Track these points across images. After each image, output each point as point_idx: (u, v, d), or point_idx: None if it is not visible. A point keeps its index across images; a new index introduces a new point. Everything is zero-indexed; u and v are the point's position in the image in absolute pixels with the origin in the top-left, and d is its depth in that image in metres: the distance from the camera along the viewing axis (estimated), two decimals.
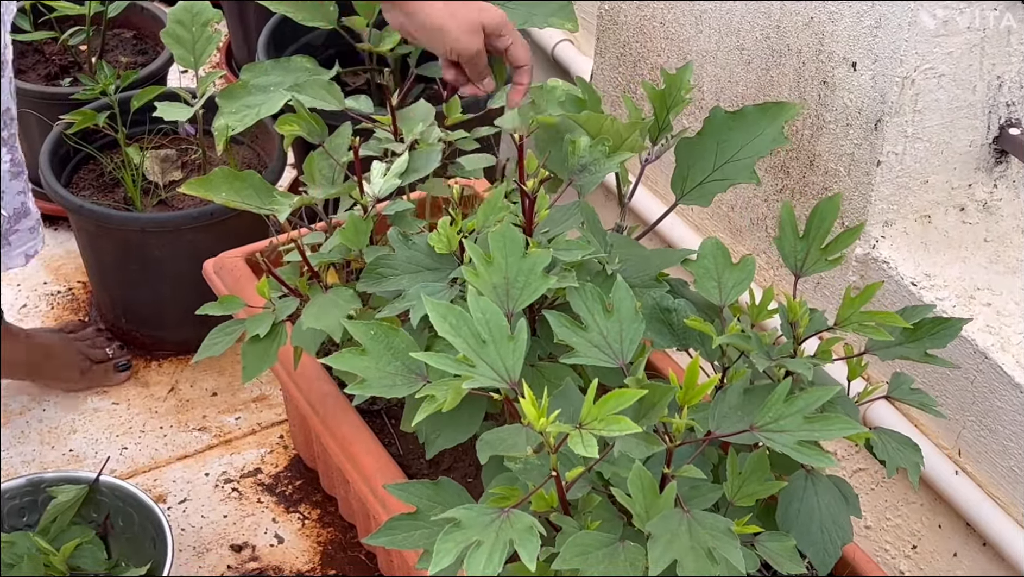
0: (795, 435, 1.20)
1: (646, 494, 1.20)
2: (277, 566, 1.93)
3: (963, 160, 1.78)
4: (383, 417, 1.77)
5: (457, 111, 1.75)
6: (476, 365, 1.21)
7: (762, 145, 1.51)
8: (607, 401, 1.15)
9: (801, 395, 1.21)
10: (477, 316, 1.23)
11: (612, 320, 1.29)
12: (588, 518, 1.24)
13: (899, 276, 1.74)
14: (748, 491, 1.27)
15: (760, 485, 1.27)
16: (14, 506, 1.83)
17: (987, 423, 1.66)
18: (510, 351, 1.22)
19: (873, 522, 1.88)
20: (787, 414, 1.21)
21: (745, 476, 1.27)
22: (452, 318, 1.22)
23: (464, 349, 1.21)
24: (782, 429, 1.21)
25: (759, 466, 1.28)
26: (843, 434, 1.21)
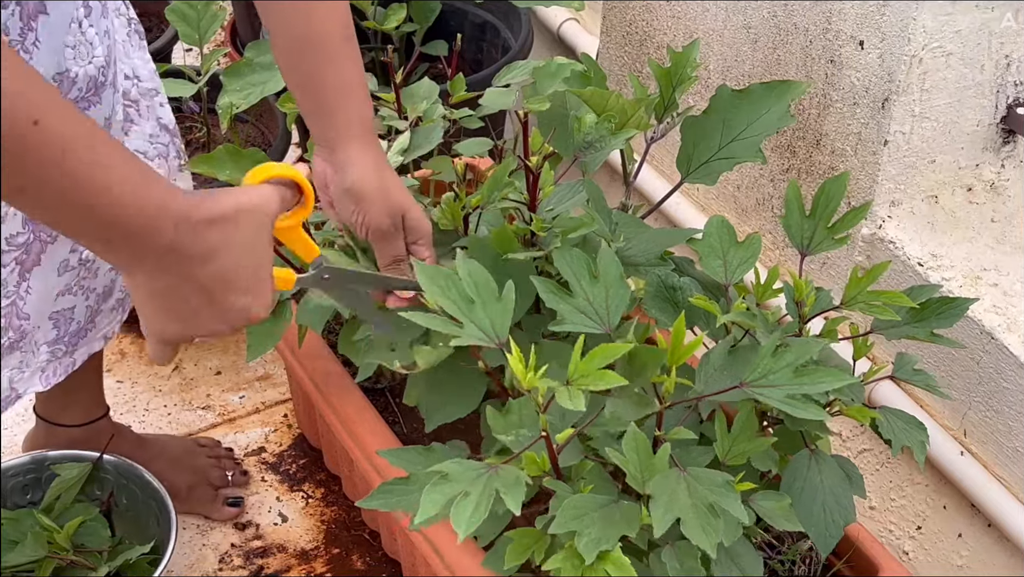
0: (785, 389, 1.20)
1: (640, 455, 1.20)
2: (281, 545, 1.93)
3: (970, 140, 1.77)
4: (387, 395, 1.77)
5: (461, 89, 1.74)
6: (465, 325, 1.22)
7: (768, 124, 1.50)
8: (594, 356, 1.16)
9: (789, 349, 1.21)
10: (465, 277, 1.24)
11: (598, 286, 1.30)
12: (582, 484, 1.24)
13: (905, 256, 1.73)
14: (739, 450, 1.27)
15: (750, 443, 1.27)
16: (17, 483, 1.83)
17: (993, 404, 1.66)
18: (499, 311, 1.23)
19: (878, 503, 1.88)
20: (776, 369, 1.21)
21: (735, 435, 1.28)
22: (440, 280, 1.24)
23: (453, 310, 1.23)
24: (772, 384, 1.21)
25: (747, 424, 1.28)
26: (833, 385, 1.21)
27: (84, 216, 0.98)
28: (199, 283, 1.07)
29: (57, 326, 1.54)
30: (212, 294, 1.08)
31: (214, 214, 1.06)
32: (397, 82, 1.67)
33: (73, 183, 0.95)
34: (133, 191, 0.99)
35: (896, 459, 1.83)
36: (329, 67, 1.33)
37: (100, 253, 1.05)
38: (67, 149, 0.94)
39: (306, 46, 1.32)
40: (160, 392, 2.18)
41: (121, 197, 0.98)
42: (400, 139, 1.60)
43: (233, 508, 1.96)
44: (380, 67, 2.39)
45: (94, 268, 1.54)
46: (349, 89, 1.34)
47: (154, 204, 1.00)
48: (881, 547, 1.48)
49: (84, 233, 1.01)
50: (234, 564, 1.90)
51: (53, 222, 0.99)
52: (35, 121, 0.91)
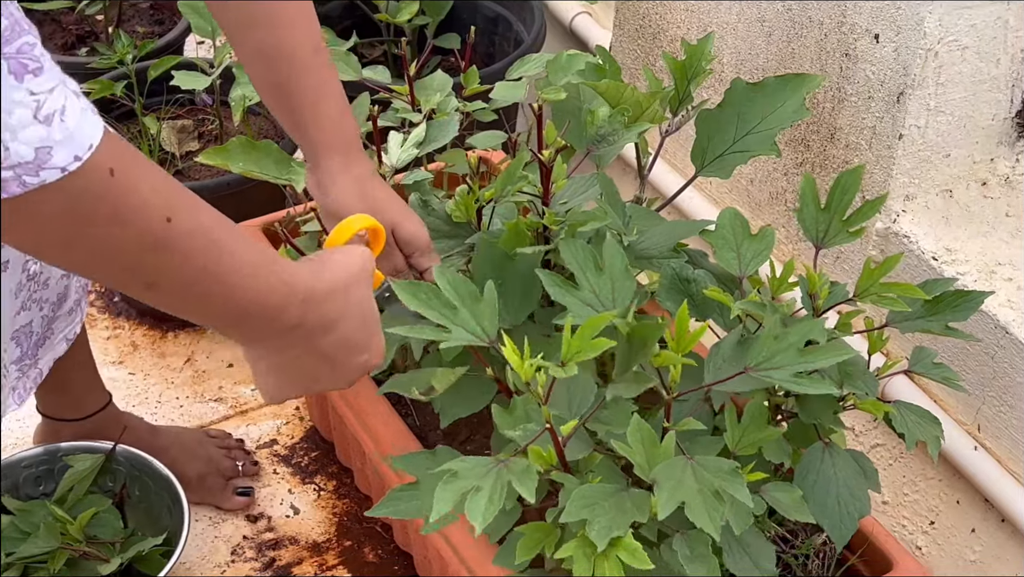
0: (790, 368, 1.20)
1: (645, 444, 1.20)
2: (293, 537, 1.93)
3: (985, 134, 1.77)
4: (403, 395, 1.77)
5: (475, 81, 1.74)
6: (452, 330, 1.24)
7: (783, 117, 1.50)
8: (583, 330, 1.16)
9: (790, 329, 1.22)
10: (445, 287, 1.25)
11: (603, 278, 1.30)
12: (590, 476, 1.24)
13: (920, 250, 1.72)
14: (750, 439, 1.27)
15: (761, 432, 1.27)
16: (30, 475, 1.83)
17: (1007, 398, 1.65)
18: (484, 311, 1.25)
19: (891, 497, 1.87)
20: (780, 350, 1.22)
21: (745, 424, 1.28)
22: (421, 294, 1.25)
23: (437, 318, 1.24)
24: (777, 365, 1.21)
25: (758, 413, 1.28)
26: (836, 359, 1.21)
27: (214, 305, 1.00)
28: (322, 352, 1.11)
29: (19, 344, 1.55)
30: (335, 359, 1.13)
31: (333, 286, 1.09)
32: (411, 75, 1.67)
33: (203, 277, 0.97)
34: (263, 278, 1.01)
35: (909, 454, 1.83)
36: (301, 80, 1.31)
37: (224, 332, 1.08)
38: (196, 245, 0.95)
39: (276, 60, 1.30)
40: (172, 384, 2.18)
41: (251, 285, 1.00)
42: (415, 132, 1.60)
43: (243, 497, 1.96)
44: (393, 60, 2.39)
45: (43, 279, 1.55)
46: (324, 102, 1.33)
47: (282, 287, 1.03)
48: (895, 542, 1.48)
49: (211, 318, 1.03)
50: (246, 556, 1.90)
51: (180, 311, 1.01)
52: (168, 218, 0.92)
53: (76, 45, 2.52)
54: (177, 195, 0.95)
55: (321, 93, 1.32)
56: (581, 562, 1.16)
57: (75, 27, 2.55)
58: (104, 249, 0.91)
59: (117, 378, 2.18)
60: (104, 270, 0.95)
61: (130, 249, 0.92)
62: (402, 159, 1.58)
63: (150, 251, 0.93)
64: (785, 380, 1.20)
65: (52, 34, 2.55)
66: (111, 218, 0.89)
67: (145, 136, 2.21)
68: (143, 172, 0.92)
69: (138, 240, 0.92)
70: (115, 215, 0.90)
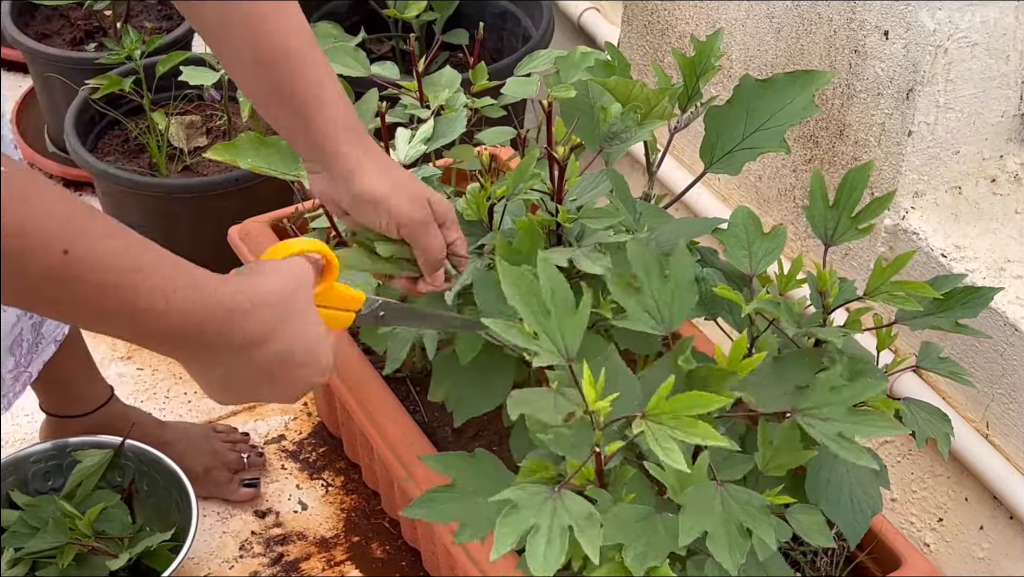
0: (837, 426, 1.19)
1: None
2: (301, 532, 1.93)
3: (995, 131, 1.76)
4: (408, 384, 1.77)
5: (484, 78, 1.74)
6: (540, 339, 1.17)
7: (792, 113, 1.49)
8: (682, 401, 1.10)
9: (847, 385, 1.20)
10: (543, 283, 1.18)
11: (667, 285, 1.27)
12: (623, 491, 1.22)
13: (929, 247, 1.72)
14: (779, 461, 1.26)
15: (791, 455, 1.26)
16: (39, 470, 1.84)
17: (1016, 396, 1.65)
18: (571, 325, 1.18)
19: (899, 495, 1.87)
20: (830, 402, 1.20)
21: (776, 446, 1.26)
22: (523, 286, 1.18)
23: (530, 320, 1.17)
24: (825, 417, 1.20)
25: (790, 436, 1.27)
26: (887, 434, 1.20)
27: (133, 329, 0.97)
28: (257, 366, 1.07)
29: (13, 354, 1.56)
30: (271, 373, 1.08)
31: (261, 299, 1.05)
32: (419, 71, 1.67)
33: (116, 303, 0.94)
34: (182, 297, 0.98)
35: (917, 451, 1.83)
36: (298, 75, 1.26)
37: (157, 351, 1.04)
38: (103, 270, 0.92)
39: (272, 61, 1.25)
40: (180, 380, 2.18)
41: (169, 306, 0.97)
42: (423, 128, 1.60)
43: (250, 489, 1.97)
44: (402, 56, 2.38)
45: None
46: (327, 96, 1.28)
47: (202, 305, 0.99)
48: (904, 539, 1.48)
49: (133, 340, 1.00)
50: (254, 551, 1.91)
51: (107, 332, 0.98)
52: (64, 251, 0.90)
53: (84, 40, 2.52)
54: (79, 224, 0.91)
55: (326, 84, 1.28)
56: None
57: (83, 22, 2.55)
58: (13, 286, 0.89)
59: (125, 373, 2.18)
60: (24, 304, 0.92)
61: (35, 282, 0.89)
62: (410, 155, 1.58)
63: (56, 284, 0.90)
64: (828, 437, 1.19)
65: (60, 29, 2.55)
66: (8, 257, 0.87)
67: (153, 132, 2.21)
68: (35, 206, 0.88)
69: (42, 274, 0.89)
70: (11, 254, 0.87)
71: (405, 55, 2.38)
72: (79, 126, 2.23)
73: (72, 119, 2.23)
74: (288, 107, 1.27)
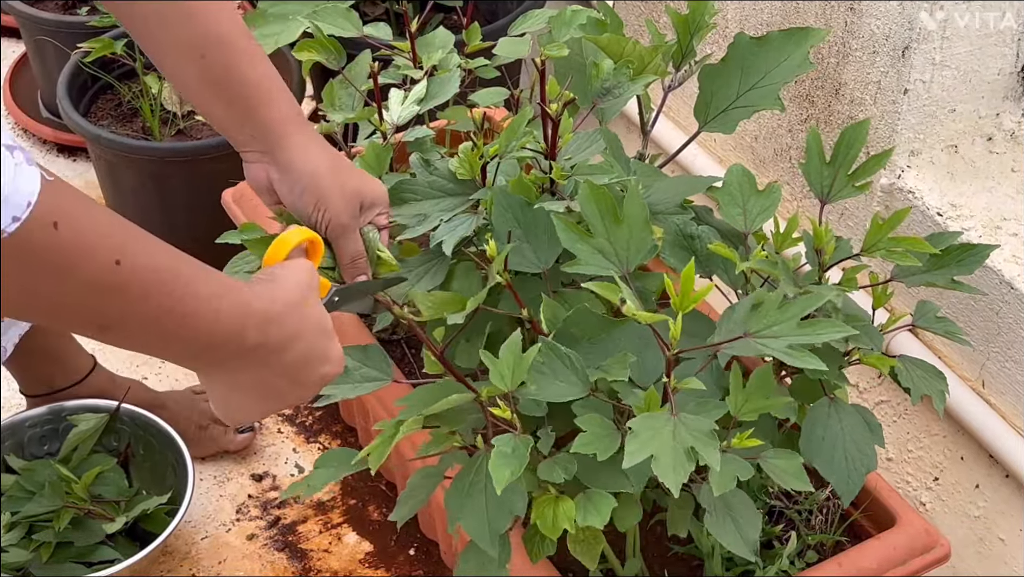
0: (786, 339, 1.19)
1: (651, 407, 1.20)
2: (297, 495, 1.93)
3: (991, 89, 1.76)
4: (403, 346, 1.77)
5: (477, 38, 1.73)
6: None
7: (787, 71, 1.48)
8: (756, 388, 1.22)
9: (794, 301, 1.21)
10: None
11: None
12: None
13: (925, 206, 1.72)
14: (752, 406, 1.26)
15: (765, 400, 1.26)
16: (35, 434, 1.84)
17: (1012, 354, 1.65)
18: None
19: (895, 454, 1.87)
20: (781, 320, 1.20)
21: (749, 390, 1.26)
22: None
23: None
24: (775, 335, 1.20)
25: (764, 381, 1.27)
26: (834, 336, 1.19)
27: (176, 340, 1.00)
28: (282, 369, 1.10)
29: None
30: (295, 375, 1.11)
31: (287, 304, 1.08)
32: (412, 31, 1.66)
33: (161, 314, 0.97)
34: (216, 308, 1.01)
35: (913, 410, 1.83)
36: (241, 65, 1.26)
37: (183, 364, 1.07)
38: (151, 283, 0.95)
39: (209, 48, 1.25)
40: None
41: (206, 317, 1.00)
42: (416, 88, 1.59)
43: (246, 434, 1.98)
44: (395, 17, 2.37)
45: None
46: (269, 83, 1.28)
47: (237, 315, 1.03)
48: (898, 497, 1.48)
49: (169, 354, 1.03)
50: (251, 514, 1.91)
51: (142, 349, 1.01)
52: (116, 261, 0.92)
53: (76, 4, 2.50)
54: (127, 235, 0.94)
55: (266, 73, 1.28)
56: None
57: None
58: (59, 297, 0.91)
59: None
60: (64, 318, 0.94)
61: (84, 293, 0.92)
62: (403, 116, 1.57)
63: (104, 294, 0.92)
64: (780, 351, 1.18)
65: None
66: (61, 268, 0.90)
67: (146, 95, 2.20)
68: (89, 218, 0.91)
69: (90, 285, 0.92)
70: (64, 265, 0.90)
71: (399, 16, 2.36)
72: (72, 91, 2.22)
73: (65, 84, 2.21)
74: (228, 100, 1.27)
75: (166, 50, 1.27)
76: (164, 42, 1.26)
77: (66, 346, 1.86)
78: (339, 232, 1.31)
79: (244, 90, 1.27)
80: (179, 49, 1.26)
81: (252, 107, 1.28)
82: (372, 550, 1.86)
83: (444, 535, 1.71)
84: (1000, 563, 1.75)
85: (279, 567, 1.84)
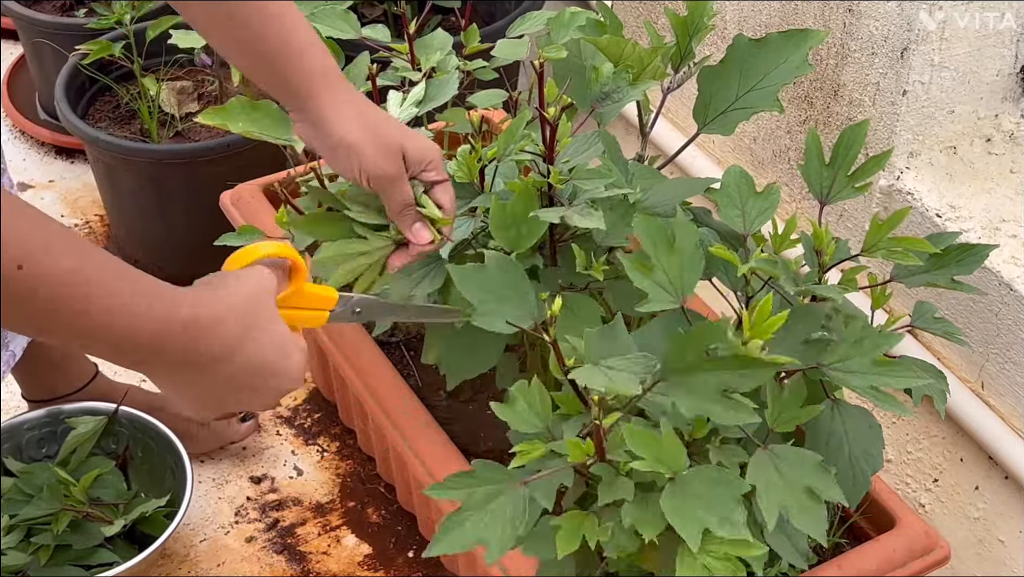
0: (867, 378, 1.20)
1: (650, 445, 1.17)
2: (296, 498, 1.93)
3: (990, 90, 1.75)
4: (401, 348, 1.77)
5: (475, 40, 1.73)
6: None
7: (786, 72, 1.48)
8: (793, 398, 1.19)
9: (868, 339, 1.22)
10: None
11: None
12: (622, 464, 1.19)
13: (924, 207, 1.72)
14: (789, 416, 1.27)
15: (798, 410, 1.27)
16: (33, 437, 1.83)
17: (1011, 355, 1.65)
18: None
19: (894, 456, 1.87)
20: (853, 356, 1.21)
21: (785, 401, 1.26)
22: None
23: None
24: (851, 370, 1.21)
25: (798, 390, 1.27)
26: (914, 383, 1.22)
27: (94, 344, 0.98)
28: (226, 379, 1.06)
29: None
30: (240, 385, 1.08)
31: (222, 314, 1.04)
32: (411, 33, 1.66)
33: (69, 319, 0.94)
34: (135, 312, 0.97)
35: (913, 413, 1.83)
36: (273, 24, 1.26)
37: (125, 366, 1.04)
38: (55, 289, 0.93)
39: (243, 14, 1.25)
40: None
41: (122, 320, 0.97)
42: (415, 90, 1.59)
43: (248, 423, 1.98)
44: (393, 19, 2.37)
45: None
46: (301, 41, 1.27)
47: (160, 320, 0.99)
48: (898, 499, 1.48)
49: (95, 352, 1.00)
50: (250, 517, 1.91)
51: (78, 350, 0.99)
52: (19, 266, 0.90)
53: (74, 6, 2.50)
54: (34, 241, 0.91)
55: (299, 31, 1.27)
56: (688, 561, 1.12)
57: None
58: None
59: None
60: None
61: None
62: (402, 118, 1.57)
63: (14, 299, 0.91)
64: (863, 389, 1.21)
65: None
66: None
67: (144, 97, 2.20)
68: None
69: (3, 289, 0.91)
70: None
71: (397, 18, 2.36)
72: (70, 93, 2.22)
73: (62, 86, 2.21)
74: (266, 60, 1.27)
75: (197, 16, 1.27)
76: (195, 10, 1.27)
77: (68, 353, 1.86)
78: (382, 184, 1.29)
79: (277, 48, 1.26)
80: (210, 14, 1.26)
81: (288, 64, 1.27)
82: (371, 552, 1.86)
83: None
84: (1000, 565, 1.75)
85: (278, 569, 1.83)
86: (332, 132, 1.28)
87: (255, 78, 1.30)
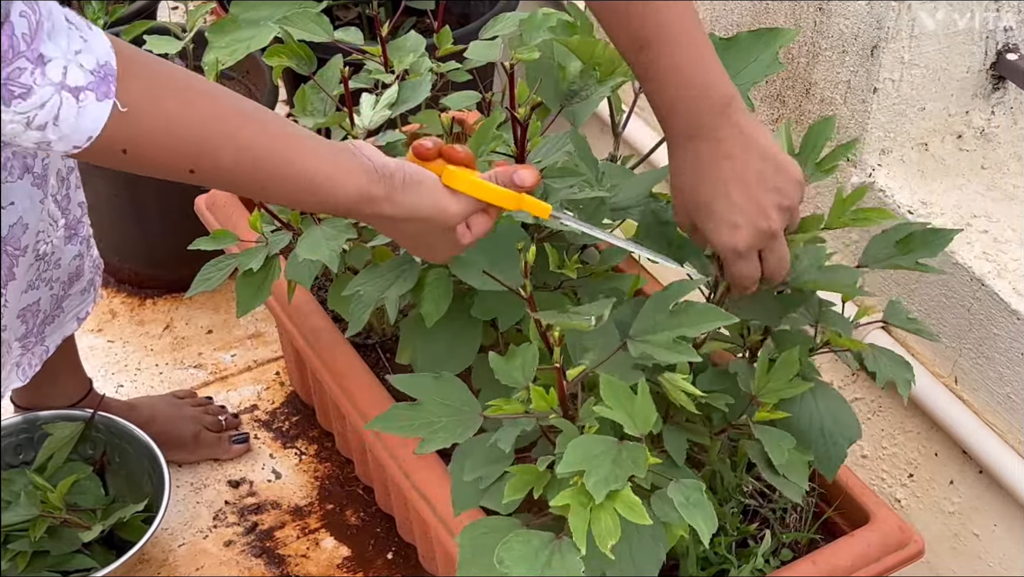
0: (666, 333, 1.22)
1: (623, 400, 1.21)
2: (275, 501, 1.93)
3: (960, 87, 1.77)
4: (378, 351, 1.77)
5: (448, 42, 1.73)
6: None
7: (757, 71, 1.49)
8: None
9: (664, 291, 1.24)
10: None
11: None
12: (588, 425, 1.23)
13: (896, 204, 1.73)
14: (774, 387, 1.28)
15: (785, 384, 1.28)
16: (10, 443, 1.83)
17: (984, 350, 1.66)
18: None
19: (870, 451, 1.88)
20: (658, 312, 1.26)
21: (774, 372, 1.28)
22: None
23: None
24: (656, 330, 1.24)
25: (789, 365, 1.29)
26: (711, 325, 1.23)
27: (293, 200, 1.16)
28: (404, 236, 1.24)
29: (25, 321, 1.56)
30: (418, 245, 1.26)
31: (407, 212, 1.18)
32: (383, 35, 1.66)
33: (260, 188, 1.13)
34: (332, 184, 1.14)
35: (887, 407, 1.84)
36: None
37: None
38: (239, 172, 1.09)
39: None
40: (152, 351, 2.17)
41: (323, 190, 1.13)
42: (388, 92, 1.59)
43: (241, 445, 1.98)
44: (366, 21, 2.37)
45: (54, 259, 1.56)
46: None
47: (353, 194, 1.14)
48: (872, 494, 1.49)
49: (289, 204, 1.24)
50: (228, 521, 1.91)
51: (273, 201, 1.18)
52: (190, 171, 1.07)
53: None
54: (202, 147, 1.05)
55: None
56: (578, 512, 1.15)
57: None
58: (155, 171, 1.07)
59: (96, 346, 2.17)
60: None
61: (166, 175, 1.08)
62: (375, 121, 1.57)
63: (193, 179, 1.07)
64: (662, 348, 1.23)
65: None
66: (141, 169, 1.05)
67: None
68: (167, 137, 1.02)
69: (170, 175, 1.07)
70: (142, 169, 1.05)
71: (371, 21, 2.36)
72: None
73: None
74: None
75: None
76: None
77: (64, 368, 1.85)
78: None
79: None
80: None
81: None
82: (350, 555, 1.86)
83: (423, 539, 1.71)
84: (975, 558, 1.76)
85: (257, 573, 1.84)
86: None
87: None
